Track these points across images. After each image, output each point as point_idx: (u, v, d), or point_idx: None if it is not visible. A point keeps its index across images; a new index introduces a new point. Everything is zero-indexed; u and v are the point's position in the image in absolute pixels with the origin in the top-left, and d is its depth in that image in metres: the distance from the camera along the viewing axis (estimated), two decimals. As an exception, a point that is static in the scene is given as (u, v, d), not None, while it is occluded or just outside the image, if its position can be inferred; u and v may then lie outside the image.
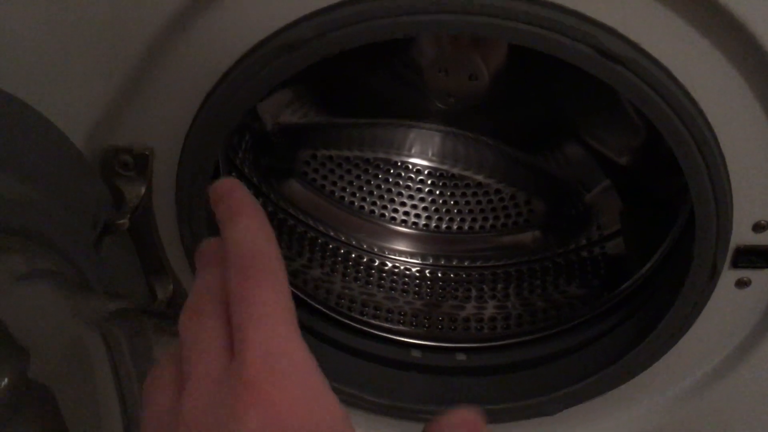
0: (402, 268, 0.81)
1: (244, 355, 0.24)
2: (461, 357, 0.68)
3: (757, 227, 0.49)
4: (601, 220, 0.77)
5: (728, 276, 0.52)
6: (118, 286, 0.50)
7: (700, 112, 0.44)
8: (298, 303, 0.70)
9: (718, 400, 0.59)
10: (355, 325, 0.71)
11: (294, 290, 0.70)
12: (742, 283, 0.52)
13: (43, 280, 0.37)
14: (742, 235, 0.50)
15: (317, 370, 0.25)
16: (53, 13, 0.42)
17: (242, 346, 0.24)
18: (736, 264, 0.51)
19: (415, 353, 0.69)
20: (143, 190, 0.50)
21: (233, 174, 0.73)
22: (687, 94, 0.43)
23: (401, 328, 0.74)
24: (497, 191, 0.79)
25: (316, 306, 0.71)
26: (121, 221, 0.48)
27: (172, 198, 0.52)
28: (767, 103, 0.44)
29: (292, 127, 0.76)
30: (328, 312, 0.71)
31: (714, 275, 0.50)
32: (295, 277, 0.73)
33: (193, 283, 0.30)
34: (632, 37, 0.42)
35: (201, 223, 0.53)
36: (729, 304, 0.54)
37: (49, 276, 0.38)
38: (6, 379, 0.32)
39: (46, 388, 0.34)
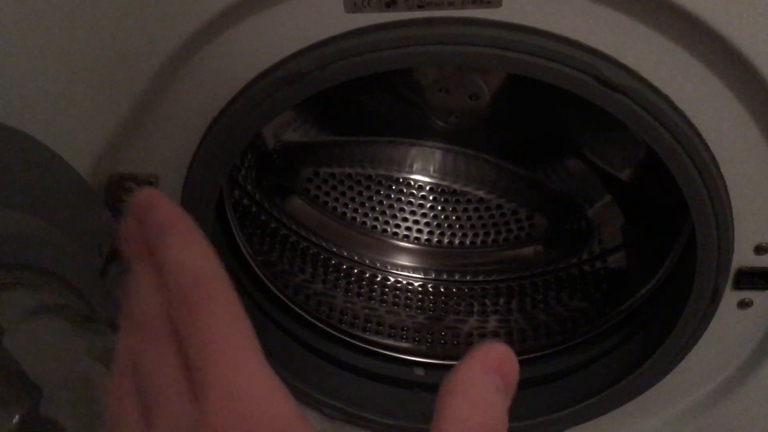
0: (404, 282, 0.81)
1: (206, 398, 0.22)
2: (465, 375, 0.68)
3: (759, 249, 0.49)
4: (602, 234, 0.77)
5: (730, 297, 0.52)
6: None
7: (701, 138, 0.44)
8: (300, 321, 0.70)
9: (722, 418, 0.59)
10: (357, 343, 0.71)
11: (296, 308, 0.70)
12: (744, 304, 0.53)
13: (53, 314, 0.38)
14: (743, 257, 0.50)
15: (286, 402, 0.23)
16: (58, 47, 0.43)
17: (202, 388, 0.23)
18: (738, 285, 0.51)
19: (418, 371, 0.69)
20: (147, 217, 0.50)
21: (236, 192, 0.73)
22: (687, 120, 0.43)
23: (403, 344, 0.74)
24: (498, 206, 0.79)
25: (318, 324, 0.71)
26: (126, 249, 0.48)
27: (176, 224, 0.52)
28: (764, 125, 0.44)
29: (295, 146, 0.77)
30: (330, 330, 0.71)
31: (716, 297, 0.51)
32: (296, 293, 0.74)
33: (127, 279, 0.27)
34: (632, 65, 0.42)
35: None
36: (731, 324, 0.54)
37: (58, 310, 0.38)
38: (17, 416, 0.32)
39: (57, 425, 0.35)
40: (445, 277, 0.81)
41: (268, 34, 0.43)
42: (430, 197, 0.80)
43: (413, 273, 0.81)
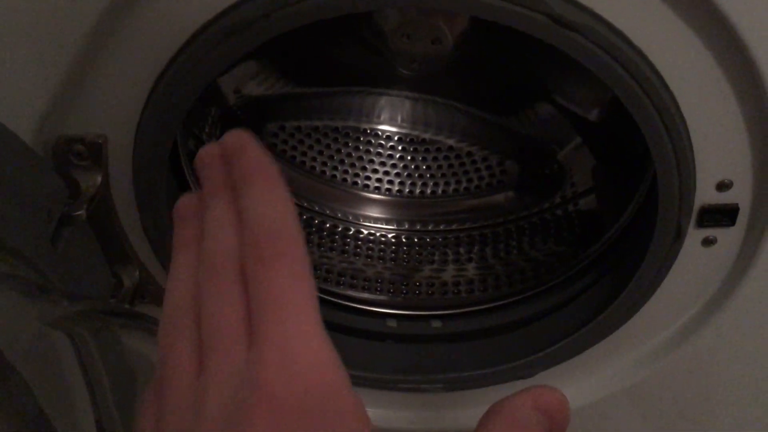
0: (378, 234, 0.80)
1: (260, 350, 0.23)
2: (437, 324, 0.69)
3: (721, 186, 0.49)
4: (574, 177, 0.77)
5: (694, 235, 0.52)
6: (82, 279, 0.50)
7: (658, 76, 0.43)
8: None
9: (692, 354, 0.60)
10: (331, 299, 0.71)
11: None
12: (708, 242, 0.52)
13: (3, 284, 0.37)
14: (705, 194, 0.49)
15: (337, 370, 0.24)
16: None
17: (258, 340, 0.23)
18: (701, 223, 0.51)
19: (391, 323, 0.69)
20: (99, 179, 0.49)
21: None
22: (644, 57, 0.42)
23: (379, 297, 0.74)
24: (469, 154, 0.79)
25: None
26: (78, 212, 0.47)
27: (131, 185, 0.51)
28: (725, 63, 0.43)
29: (258, 100, 0.75)
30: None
31: (679, 235, 0.50)
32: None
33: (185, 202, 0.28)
34: (585, 2, 0.40)
35: (161, 208, 0.52)
36: (696, 261, 0.54)
37: (5, 280, 0.38)
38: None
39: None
40: (418, 227, 0.81)
41: (208, -18, 0.41)
42: (400, 147, 0.79)
43: (386, 225, 0.81)
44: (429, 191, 0.80)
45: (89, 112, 0.47)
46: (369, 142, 0.78)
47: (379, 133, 0.78)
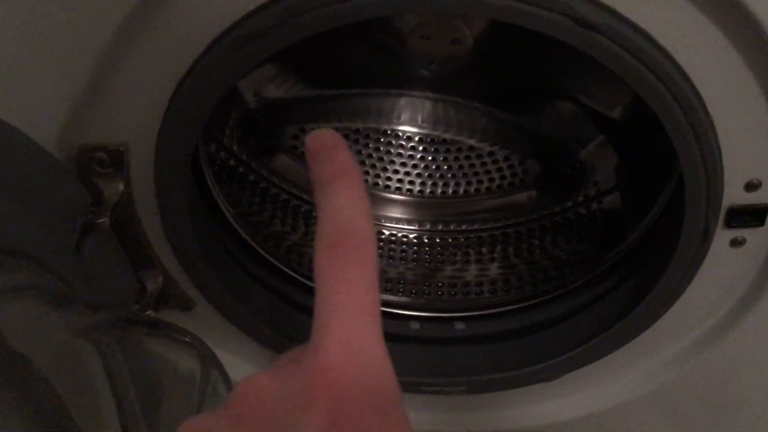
0: (399, 235, 0.80)
1: (323, 342, 0.23)
2: (460, 326, 0.68)
3: (749, 186, 0.48)
4: (597, 176, 0.76)
5: (722, 236, 0.51)
6: (107, 285, 0.50)
7: (684, 75, 0.42)
8: (292, 282, 0.69)
9: (718, 358, 0.59)
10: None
11: (288, 270, 0.70)
12: (736, 243, 0.51)
13: (24, 294, 0.37)
14: (734, 195, 0.48)
15: (395, 378, 0.24)
16: (7, 14, 0.41)
17: (323, 333, 0.24)
18: (729, 224, 0.50)
19: (414, 325, 0.69)
20: (122, 186, 0.49)
21: (222, 153, 0.72)
22: (669, 57, 0.42)
23: (401, 299, 0.74)
24: (490, 153, 0.78)
25: (311, 284, 0.71)
26: (101, 220, 0.48)
27: (153, 191, 0.51)
28: (752, 60, 0.42)
29: (277, 103, 0.75)
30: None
31: (707, 236, 0.49)
32: (289, 252, 0.73)
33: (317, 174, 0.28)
34: (607, 2, 0.40)
35: (183, 212, 0.52)
36: (724, 263, 0.53)
37: (30, 289, 0.38)
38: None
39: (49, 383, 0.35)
40: (440, 227, 0.80)
41: (226, -11, 0.41)
42: (420, 148, 0.78)
43: (407, 225, 0.80)
44: (451, 191, 0.80)
45: (110, 120, 0.47)
46: (390, 143, 0.78)
47: (400, 133, 0.78)
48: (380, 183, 0.80)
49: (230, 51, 0.42)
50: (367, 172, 0.79)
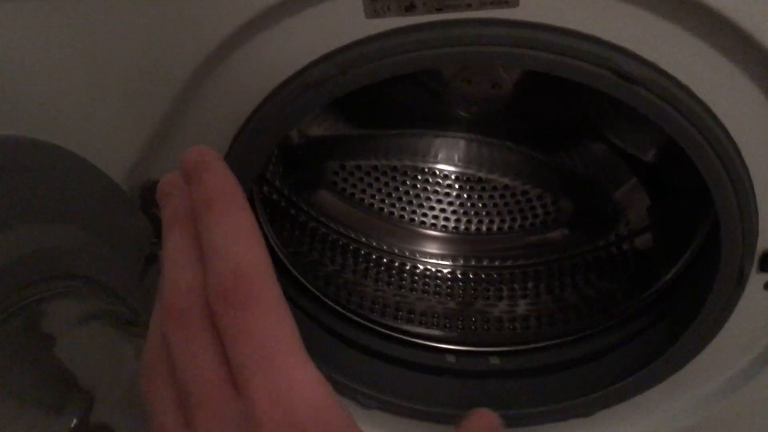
0: (433, 270, 0.82)
1: (255, 403, 0.21)
2: (495, 360, 0.70)
3: (784, 231, 0.50)
4: (629, 216, 0.77)
5: (756, 279, 0.52)
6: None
7: (720, 125, 0.44)
8: (331, 312, 0.72)
9: (750, 399, 0.60)
10: (388, 332, 0.73)
11: (327, 300, 0.72)
12: (770, 286, 0.53)
13: (99, 321, 0.40)
14: (768, 239, 0.50)
15: (338, 409, 0.22)
16: (88, 60, 0.45)
17: (249, 391, 0.21)
18: (764, 268, 0.51)
19: (450, 358, 0.70)
20: (182, 220, 0.52)
21: (264, 188, 0.75)
22: (706, 108, 0.44)
23: (435, 332, 0.75)
24: (524, 192, 0.80)
25: (350, 315, 0.73)
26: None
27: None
28: (788, 113, 0.44)
29: (319, 140, 0.78)
30: (361, 320, 0.73)
31: (741, 280, 0.51)
32: (327, 284, 0.75)
33: (163, 243, 0.25)
34: (649, 57, 0.42)
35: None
36: (758, 305, 0.54)
37: (104, 317, 0.41)
38: (74, 421, 0.34)
39: (109, 428, 0.37)
40: (473, 263, 0.82)
41: (292, 41, 0.44)
42: (456, 185, 0.81)
43: (442, 260, 0.82)
44: (484, 228, 0.82)
45: (175, 159, 0.50)
46: (426, 181, 0.81)
47: (437, 172, 0.80)
48: (416, 219, 0.82)
49: (292, 98, 0.45)
50: (403, 208, 0.81)
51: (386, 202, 0.81)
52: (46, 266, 0.37)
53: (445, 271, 0.82)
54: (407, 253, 0.82)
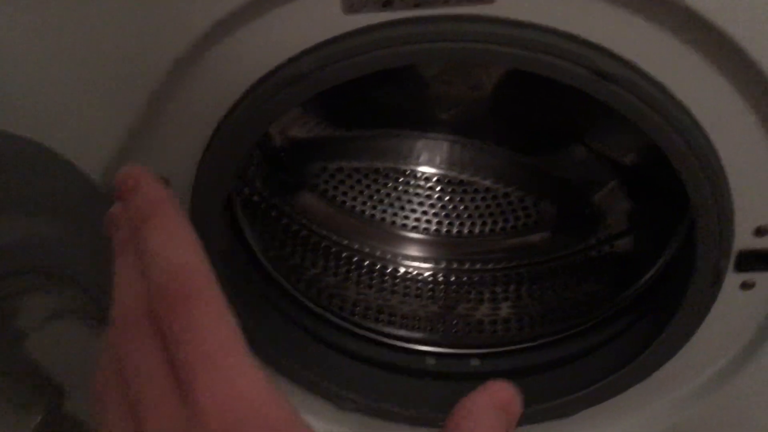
0: (415, 272, 0.82)
1: (198, 403, 0.21)
2: (475, 362, 0.70)
3: (759, 232, 0.50)
4: (609, 219, 0.78)
5: (732, 279, 0.53)
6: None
7: (697, 125, 0.45)
8: (313, 314, 0.71)
9: (729, 398, 0.60)
10: (370, 335, 0.72)
11: (308, 302, 0.71)
12: (746, 286, 0.53)
13: (70, 317, 0.39)
14: (744, 239, 0.50)
15: (280, 404, 0.22)
16: (64, 54, 0.44)
17: (192, 393, 0.22)
18: (739, 268, 0.52)
19: (430, 360, 0.70)
20: (159, 218, 0.52)
21: (246, 189, 0.75)
22: (684, 108, 0.44)
23: (416, 334, 0.75)
24: (505, 195, 0.80)
25: (331, 317, 0.72)
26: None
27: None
28: (761, 111, 0.44)
29: (301, 142, 0.78)
30: (342, 323, 0.73)
31: (718, 279, 0.51)
32: (309, 287, 0.75)
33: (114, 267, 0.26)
34: (627, 56, 0.42)
35: (216, 245, 0.54)
36: (735, 305, 0.55)
37: (75, 312, 0.40)
38: (39, 417, 0.33)
39: (77, 420, 0.36)
40: (455, 266, 0.82)
41: (269, 37, 0.44)
42: (438, 188, 0.81)
43: (424, 263, 0.82)
44: (466, 230, 0.82)
45: (152, 155, 0.50)
46: (408, 183, 0.80)
47: (418, 174, 0.80)
48: (398, 221, 0.82)
49: (270, 94, 0.45)
50: (385, 210, 0.81)
51: (368, 204, 0.81)
52: (16, 261, 0.37)
53: (426, 273, 0.82)
54: (389, 256, 0.81)
